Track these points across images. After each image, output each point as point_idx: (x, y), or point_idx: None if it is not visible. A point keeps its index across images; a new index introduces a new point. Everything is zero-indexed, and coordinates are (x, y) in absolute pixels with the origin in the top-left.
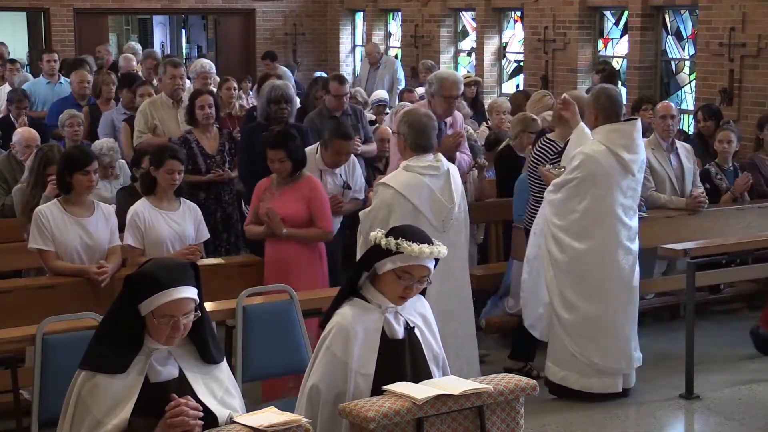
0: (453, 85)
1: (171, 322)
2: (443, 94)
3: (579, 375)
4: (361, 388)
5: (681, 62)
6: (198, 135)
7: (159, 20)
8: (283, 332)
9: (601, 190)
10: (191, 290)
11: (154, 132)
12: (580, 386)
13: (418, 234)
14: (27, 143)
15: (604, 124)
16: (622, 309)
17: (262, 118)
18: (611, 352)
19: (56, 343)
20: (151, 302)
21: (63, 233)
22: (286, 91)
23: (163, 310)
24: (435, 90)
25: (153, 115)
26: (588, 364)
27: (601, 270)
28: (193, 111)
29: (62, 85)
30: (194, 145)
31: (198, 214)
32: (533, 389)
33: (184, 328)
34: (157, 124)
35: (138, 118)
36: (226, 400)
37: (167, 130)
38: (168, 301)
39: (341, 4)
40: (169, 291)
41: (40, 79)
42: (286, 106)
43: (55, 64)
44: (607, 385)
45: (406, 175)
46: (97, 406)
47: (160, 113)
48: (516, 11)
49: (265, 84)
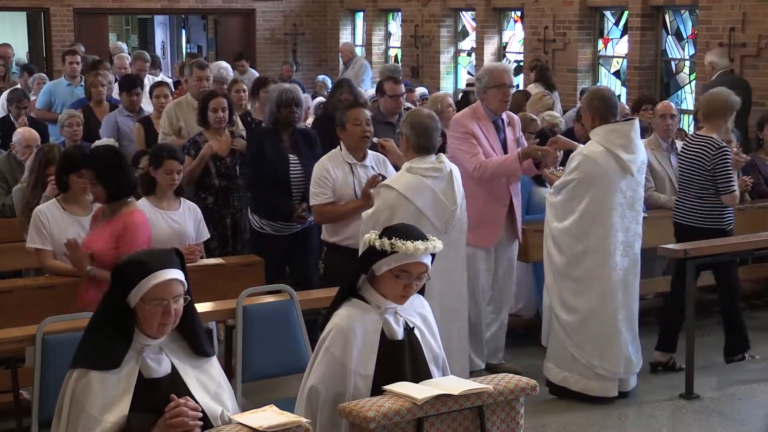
0: (504, 73)
1: (162, 305)
2: (495, 84)
3: (579, 376)
4: (361, 389)
5: (681, 62)
6: (209, 137)
7: (159, 20)
8: (283, 332)
9: (599, 191)
10: (179, 272)
11: (179, 134)
12: (580, 388)
13: (411, 231)
14: (27, 143)
15: (602, 125)
16: (621, 311)
17: (270, 122)
18: (610, 355)
19: (56, 343)
20: (141, 288)
21: (62, 232)
22: (296, 94)
23: (153, 294)
24: (486, 83)
25: (178, 116)
26: (587, 365)
27: (601, 271)
28: (205, 112)
29: (83, 87)
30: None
31: (198, 213)
32: (533, 389)
33: (175, 314)
34: (182, 125)
35: (163, 119)
36: (219, 395)
37: (192, 132)
38: (157, 283)
39: (341, 4)
40: (157, 273)
41: (61, 80)
42: (297, 110)
43: (77, 66)
44: (606, 388)
45: (409, 176)
46: (92, 403)
47: (185, 115)
48: (516, 11)
49: (273, 87)
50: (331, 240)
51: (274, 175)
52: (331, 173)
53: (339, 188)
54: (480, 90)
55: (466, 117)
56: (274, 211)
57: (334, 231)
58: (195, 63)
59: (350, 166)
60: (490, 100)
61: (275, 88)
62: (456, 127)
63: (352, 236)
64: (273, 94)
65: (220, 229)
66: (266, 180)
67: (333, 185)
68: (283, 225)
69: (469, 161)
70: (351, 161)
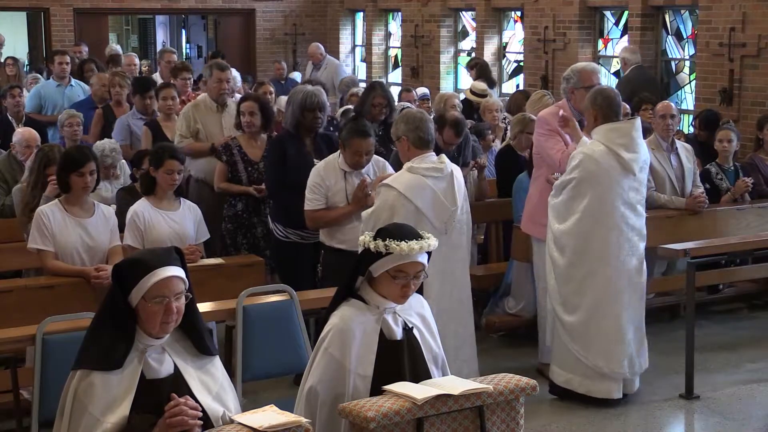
0: (592, 74)
1: (164, 303)
2: (584, 85)
3: (583, 378)
4: (360, 390)
5: (681, 62)
6: (243, 141)
7: (159, 20)
8: (283, 332)
9: (601, 190)
10: (179, 270)
11: (197, 137)
12: (585, 390)
13: (404, 231)
14: (27, 143)
15: (605, 124)
16: (626, 311)
17: (291, 126)
18: (615, 356)
19: (56, 343)
20: (142, 286)
21: (64, 234)
22: (321, 98)
23: (154, 291)
24: (575, 83)
25: (196, 118)
26: (593, 367)
27: (604, 270)
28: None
29: (73, 88)
30: (236, 151)
31: (198, 213)
32: (533, 389)
33: (177, 312)
34: (200, 128)
35: (180, 121)
36: (221, 395)
37: (209, 135)
38: (158, 280)
39: (341, 4)
40: (157, 271)
41: (50, 81)
42: (321, 115)
43: (66, 67)
44: (611, 390)
45: (410, 176)
46: (95, 404)
47: (203, 117)
48: (516, 11)
49: (298, 89)
50: (328, 243)
51: (299, 180)
52: (324, 180)
53: (332, 195)
54: (567, 89)
55: (552, 115)
56: (299, 217)
57: (330, 234)
58: (215, 64)
59: (344, 173)
60: (578, 101)
61: (300, 90)
62: (541, 124)
63: (347, 240)
64: (297, 96)
65: (250, 238)
66: (290, 186)
67: (326, 192)
68: (308, 232)
69: (554, 156)
70: (346, 169)
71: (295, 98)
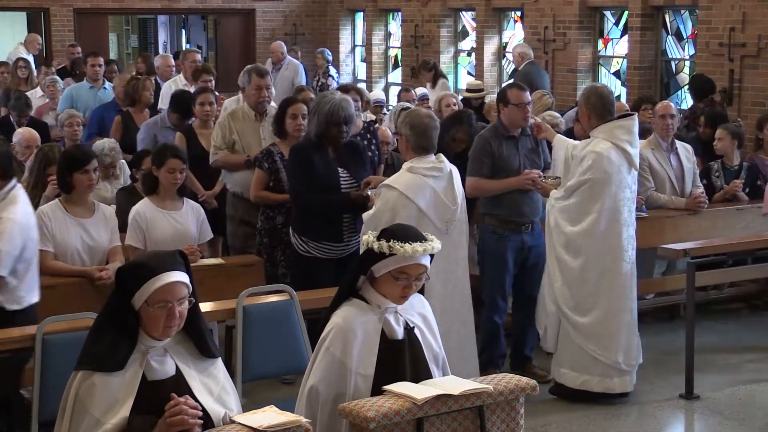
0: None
1: (167, 308)
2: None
3: (602, 377)
4: (361, 389)
5: (681, 62)
6: (284, 148)
7: (159, 20)
8: (283, 332)
9: (614, 188)
10: (183, 275)
11: (233, 148)
12: (604, 388)
13: (409, 233)
14: (27, 143)
15: (599, 122)
16: (633, 305)
17: (316, 136)
18: (631, 348)
19: (56, 343)
20: (145, 290)
21: (64, 234)
22: (349, 111)
23: (157, 296)
24: None
25: (232, 128)
26: (611, 364)
27: (618, 267)
28: (282, 121)
29: (106, 90)
30: (278, 158)
31: (201, 213)
32: (533, 389)
33: (180, 317)
34: (236, 138)
35: (216, 132)
36: (222, 397)
37: (246, 146)
38: (161, 285)
39: (341, 4)
40: (161, 276)
41: (83, 83)
42: (346, 129)
43: (99, 69)
44: (626, 383)
45: (410, 176)
46: (96, 405)
47: (241, 126)
48: (516, 11)
49: (327, 98)
50: None
51: (326, 189)
52: None
53: None
54: None
55: None
56: (325, 227)
57: None
58: (254, 69)
59: None
60: None
61: (328, 101)
62: None
63: None
64: (324, 107)
65: (289, 254)
66: (315, 201)
67: None
68: (331, 247)
69: None
70: None
71: (322, 109)
